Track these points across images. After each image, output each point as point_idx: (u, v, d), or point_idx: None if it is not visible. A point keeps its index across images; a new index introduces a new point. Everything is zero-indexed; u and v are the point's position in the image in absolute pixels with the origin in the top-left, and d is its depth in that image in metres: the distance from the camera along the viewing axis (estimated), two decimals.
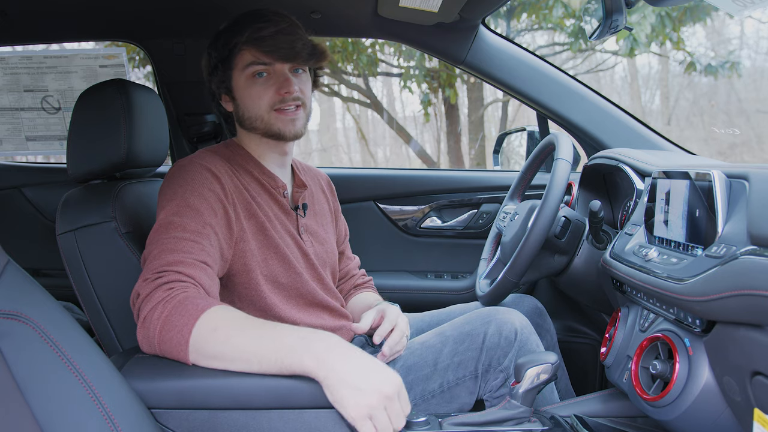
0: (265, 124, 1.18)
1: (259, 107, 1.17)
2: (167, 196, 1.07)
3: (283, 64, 1.16)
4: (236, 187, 1.14)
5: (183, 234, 1.00)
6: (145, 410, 0.85)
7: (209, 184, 1.09)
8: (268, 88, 1.16)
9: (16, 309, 0.73)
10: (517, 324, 1.15)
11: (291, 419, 0.90)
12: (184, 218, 1.02)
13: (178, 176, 1.10)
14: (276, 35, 1.14)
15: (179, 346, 0.88)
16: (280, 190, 1.24)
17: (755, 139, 6.94)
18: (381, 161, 8.70)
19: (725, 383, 0.84)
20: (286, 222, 1.23)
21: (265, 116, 1.17)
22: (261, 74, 1.16)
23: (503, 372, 1.14)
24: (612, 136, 1.70)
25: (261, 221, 1.16)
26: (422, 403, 1.15)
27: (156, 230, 1.02)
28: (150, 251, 0.99)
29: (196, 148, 2.02)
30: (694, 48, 6.67)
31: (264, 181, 1.22)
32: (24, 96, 2.15)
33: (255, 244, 1.14)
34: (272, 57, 1.15)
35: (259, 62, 1.15)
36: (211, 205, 1.06)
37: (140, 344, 0.93)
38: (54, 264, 1.60)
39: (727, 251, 0.82)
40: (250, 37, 1.14)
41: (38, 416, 0.70)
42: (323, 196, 1.41)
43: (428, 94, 6.03)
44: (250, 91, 1.17)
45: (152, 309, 0.90)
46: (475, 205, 1.99)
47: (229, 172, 1.15)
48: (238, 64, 1.17)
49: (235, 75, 1.18)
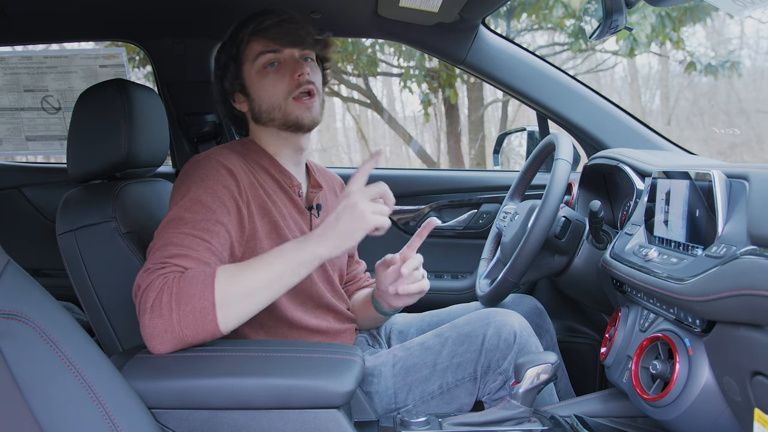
0: (283, 113, 1.18)
1: (276, 96, 1.17)
2: (181, 191, 1.06)
3: (292, 48, 1.18)
4: (251, 185, 1.14)
5: (191, 230, 0.99)
6: (145, 410, 0.85)
7: (224, 180, 1.08)
8: (282, 77, 1.17)
9: (16, 309, 0.73)
10: (516, 326, 1.15)
11: (291, 419, 0.90)
12: (195, 215, 1.01)
13: (193, 172, 1.09)
14: (281, 24, 1.17)
15: (204, 311, 0.89)
16: (296, 189, 1.24)
17: (755, 139, 6.94)
18: (381, 161, 8.68)
19: (725, 383, 0.84)
20: (300, 221, 1.23)
21: (283, 104, 1.18)
22: (272, 64, 1.18)
23: (502, 374, 1.13)
24: (612, 136, 1.70)
25: (275, 220, 1.16)
26: (422, 404, 1.15)
27: (165, 224, 1.02)
28: (155, 243, 0.99)
29: (196, 148, 2.03)
30: (694, 48, 6.67)
31: (280, 178, 1.22)
32: (24, 96, 2.15)
33: (268, 243, 1.14)
34: (279, 43, 1.16)
35: (268, 50, 1.17)
36: (224, 202, 1.06)
37: (152, 334, 0.90)
38: (54, 264, 1.60)
39: (727, 251, 0.82)
40: (255, 28, 1.17)
41: (38, 416, 0.70)
42: (336, 199, 1.41)
43: (428, 94, 6.03)
44: (264, 82, 1.18)
45: (158, 295, 0.89)
46: (475, 205, 1.99)
47: (245, 169, 1.14)
48: (249, 57, 1.18)
49: (246, 69, 1.19)
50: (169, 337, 0.89)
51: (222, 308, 0.91)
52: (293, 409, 0.90)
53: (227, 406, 0.90)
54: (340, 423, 0.90)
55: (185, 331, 0.90)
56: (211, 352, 0.94)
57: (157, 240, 1.00)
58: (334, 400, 0.89)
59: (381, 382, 1.17)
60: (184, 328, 0.89)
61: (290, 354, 0.96)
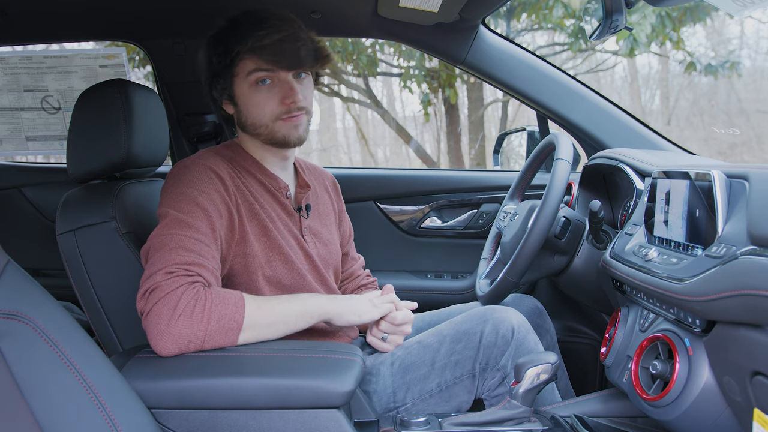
0: (269, 132, 1.17)
1: (263, 115, 1.16)
2: (174, 195, 1.06)
3: (287, 72, 1.15)
4: (238, 189, 1.14)
5: (198, 236, 1.01)
6: (145, 410, 0.85)
7: (214, 185, 1.09)
8: (272, 97, 1.15)
9: (16, 309, 0.73)
10: (514, 322, 1.15)
11: (291, 419, 0.90)
12: (196, 219, 1.03)
13: (183, 176, 1.09)
14: (279, 43, 1.12)
15: (231, 331, 0.96)
16: (283, 191, 1.24)
17: (755, 139, 6.94)
18: (381, 161, 8.70)
19: (725, 383, 0.84)
20: (289, 223, 1.23)
21: (270, 124, 1.16)
22: (264, 81, 1.15)
23: (500, 371, 1.14)
24: (612, 136, 1.70)
25: (264, 222, 1.16)
26: (420, 402, 1.15)
27: (167, 225, 1.02)
28: (163, 243, 0.99)
29: (196, 148, 2.02)
30: (694, 48, 6.67)
31: (266, 182, 1.22)
32: (24, 96, 2.15)
33: (258, 246, 1.14)
34: (275, 65, 1.14)
35: (261, 69, 1.14)
36: (217, 206, 1.07)
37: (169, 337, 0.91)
38: (54, 264, 1.59)
39: (727, 251, 0.82)
40: (252, 45, 1.12)
41: (38, 416, 0.70)
42: (327, 197, 1.41)
43: (428, 94, 6.03)
44: (254, 98, 1.16)
45: (189, 303, 0.92)
46: (475, 205, 1.99)
47: (231, 174, 1.15)
48: (241, 72, 1.15)
49: (237, 82, 1.17)
50: (187, 345, 0.93)
51: (245, 331, 0.97)
52: (293, 409, 0.90)
53: (227, 406, 0.90)
54: (340, 423, 0.90)
55: (208, 344, 0.94)
56: (211, 352, 0.94)
57: (164, 238, 1.00)
58: (334, 400, 0.89)
59: (380, 381, 1.17)
60: (208, 341, 0.94)
61: (290, 354, 0.96)
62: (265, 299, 1.05)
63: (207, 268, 0.99)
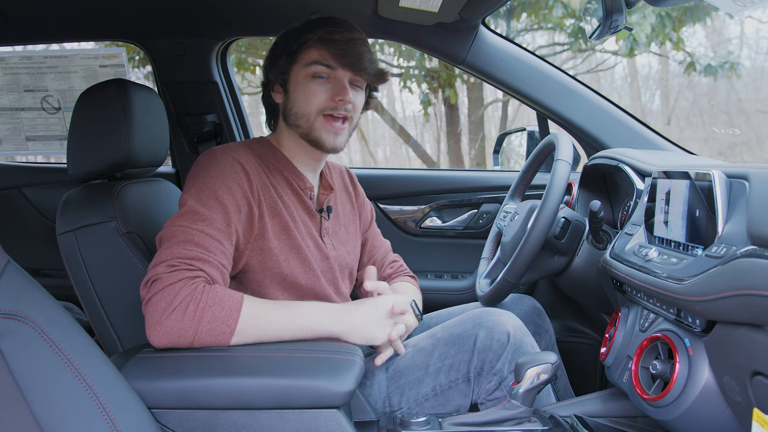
0: (309, 125, 1.18)
1: (309, 106, 1.17)
2: (197, 184, 1.08)
3: (346, 71, 1.17)
4: (263, 185, 1.15)
5: (209, 230, 1.02)
6: (145, 410, 0.85)
7: (238, 178, 1.09)
8: (325, 91, 1.16)
9: (16, 309, 0.73)
10: (509, 327, 1.14)
11: (291, 419, 0.90)
12: (212, 212, 1.03)
13: (209, 165, 1.10)
14: (348, 42, 1.15)
15: (223, 334, 0.95)
16: (308, 192, 1.24)
17: (755, 139, 6.94)
18: (381, 161, 8.70)
19: (725, 383, 0.84)
20: (309, 224, 1.23)
21: (312, 117, 1.17)
22: (321, 76, 1.16)
23: (497, 375, 1.12)
24: (612, 136, 1.70)
25: (285, 221, 1.16)
26: (416, 406, 1.15)
27: (182, 215, 1.03)
28: (174, 234, 1.00)
29: (196, 148, 2.03)
30: (694, 48, 6.67)
31: (293, 180, 1.22)
32: (24, 96, 2.15)
33: (277, 243, 1.14)
34: (339, 62, 1.15)
35: (323, 63, 1.16)
36: (237, 201, 1.07)
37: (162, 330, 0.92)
38: (54, 264, 1.60)
39: (727, 251, 0.82)
40: (323, 37, 1.15)
41: (38, 416, 0.70)
42: (347, 196, 1.41)
43: (428, 94, 6.03)
44: (306, 88, 1.17)
45: (185, 300, 0.92)
46: (475, 205, 1.99)
47: (258, 169, 1.15)
48: (302, 60, 1.17)
49: (295, 69, 1.18)
50: (178, 340, 0.93)
51: (237, 335, 0.97)
52: (293, 409, 0.90)
53: (227, 406, 0.90)
54: (340, 423, 0.90)
55: (198, 342, 0.94)
56: (211, 352, 0.94)
57: (175, 230, 1.01)
58: (334, 400, 0.89)
59: (374, 385, 1.17)
60: (198, 340, 0.94)
61: (290, 354, 0.96)
62: (266, 308, 1.02)
63: (212, 264, 0.99)
